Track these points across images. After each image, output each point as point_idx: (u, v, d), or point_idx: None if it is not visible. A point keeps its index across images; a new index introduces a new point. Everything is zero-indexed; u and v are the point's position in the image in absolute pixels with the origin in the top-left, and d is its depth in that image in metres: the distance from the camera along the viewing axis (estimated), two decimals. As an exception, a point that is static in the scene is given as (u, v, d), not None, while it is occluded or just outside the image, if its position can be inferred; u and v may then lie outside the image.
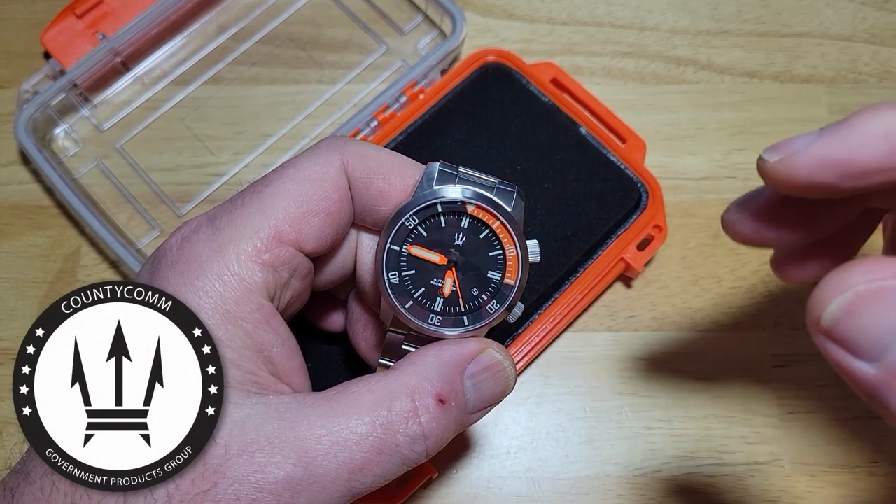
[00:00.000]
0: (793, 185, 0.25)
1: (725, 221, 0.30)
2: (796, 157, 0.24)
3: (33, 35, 0.48)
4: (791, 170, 0.24)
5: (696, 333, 0.43)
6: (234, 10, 0.50)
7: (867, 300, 0.20)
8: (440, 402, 0.27)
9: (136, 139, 0.47)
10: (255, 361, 0.26)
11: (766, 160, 0.25)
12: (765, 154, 0.25)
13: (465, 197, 0.28)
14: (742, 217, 0.29)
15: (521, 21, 0.51)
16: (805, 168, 0.24)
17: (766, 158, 0.25)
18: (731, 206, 0.30)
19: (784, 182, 0.25)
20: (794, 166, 0.24)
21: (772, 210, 0.28)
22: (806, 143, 0.24)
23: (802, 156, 0.24)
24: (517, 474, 0.41)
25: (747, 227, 0.29)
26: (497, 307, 0.28)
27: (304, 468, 0.25)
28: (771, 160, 0.25)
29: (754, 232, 0.29)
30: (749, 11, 0.51)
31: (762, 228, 0.29)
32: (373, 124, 0.45)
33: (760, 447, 0.41)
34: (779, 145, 0.25)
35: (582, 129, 0.44)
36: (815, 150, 0.24)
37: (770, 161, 0.25)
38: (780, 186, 0.26)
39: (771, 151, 0.25)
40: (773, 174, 0.25)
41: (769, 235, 0.29)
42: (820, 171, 0.24)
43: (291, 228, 0.27)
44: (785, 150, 0.25)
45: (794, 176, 0.24)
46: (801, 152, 0.24)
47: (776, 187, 0.26)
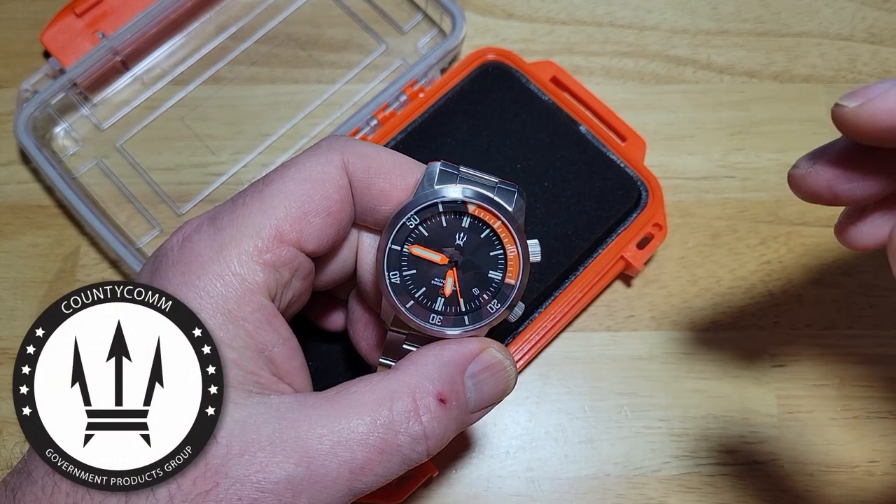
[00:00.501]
0: (874, 132, 0.24)
1: (794, 177, 0.28)
2: (878, 101, 0.23)
3: (33, 34, 0.48)
4: (872, 115, 0.23)
5: (696, 333, 0.43)
6: (234, 10, 0.50)
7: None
8: (441, 402, 0.27)
9: (136, 138, 0.47)
10: (257, 361, 0.26)
11: (845, 105, 0.24)
12: (842, 100, 0.24)
13: (465, 196, 0.28)
14: (815, 169, 0.27)
15: (521, 21, 0.51)
16: (888, 112, 0.23)
17: (845, 104, 0.24)
18: (800, 161, 0.28)
19: (865, 128, 0.24)
20: (876, 111, 0.23)
21: (848, 160, 0.27)
22: (887, 88, 0.23)
23: (885, 99, 0.23)
24: (517, 474, 0.41)
25: (821, 179, 0.27)
26: (498, 307, 0.28)
27: (305, 468, 0.25)
28: (850, 105, 0.24)
29: (828, 185, 0.27)
30: (748, 11, 0.51)
31: (837, 180, 0.27)
32: (373, 123, 0.45)
33: (759, 447, 0.41)
34: (857, 91, 0.24)
35: (582, 127, 0.44)
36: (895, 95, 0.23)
37: (850, 107, 0.24)
38: (859, 134, 0.24)
39: (849, 97, 0.24)
40: (854, 120, 0.24)
41: (844, 188, 0.27)
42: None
43: (292, 228, 0.27)
44: (865, 95, 0.24)
45: (876, 121, 0.23)
46: (882, 96, 0.23)
47: (855, 135, 0.25)
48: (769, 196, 0.46)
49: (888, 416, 0.41)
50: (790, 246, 0.45)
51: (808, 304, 0.44)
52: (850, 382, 0.42)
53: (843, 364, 0.42)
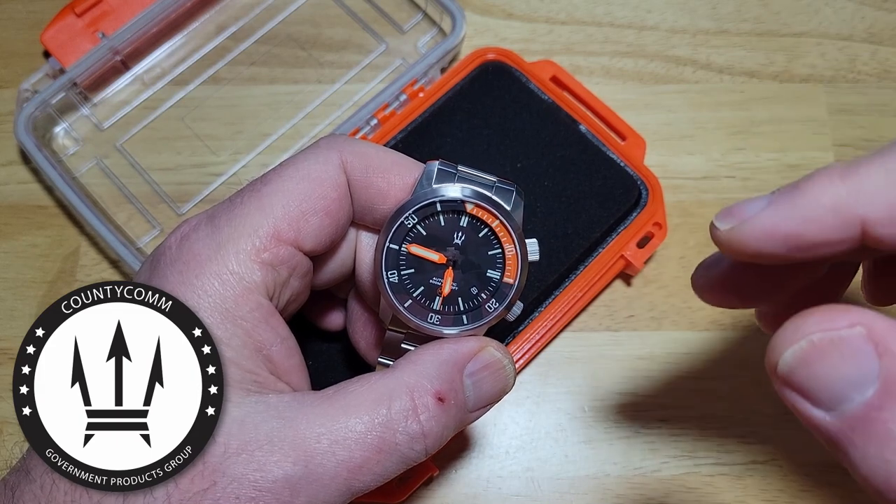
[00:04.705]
0: (744, 255, 0.23)
1: (694, 285, 0.29)
2: (745, 226, 0.23)
3: (33, 34, 0.48)
4: (740, 240, 0.23)
5: (695, 333, 0.43)
6: (234, 10, 0.50)
7: (821, 350, 0.19)
8: (439, 401, 0.27)
9: (136, 138, 0.47)
10: (255, 360, 0.27)
11: (718, 228, 0.24)
12: (716, 220, 0.24)
13: (464, 196, 0.28)
14: (708, 283, 0.28)
15: (521, 21, 0.51)
16: (754, 240, 0.23)
17: (718, 226, 0.24)
18: (698, 268, 0.29)
19: (735, 252, 0.24)
20: (742, 237, 0.23)
21: (736, 275, 0.27)
22: (756, 211, 0.23)
23: (750, 226, 0.23)
24: (516, 474, 0.41)
25: (714, 294, 0.28)
26: (496, 306, 0.28)
27: (303, 467, 0.25)
28: (722, 228, 0.24)
29: (722, 299, 0.28)
30: (748, 11, 0.51)
31: (728, 296, 0.28)
32: (373, 123, 0.45)
33: (758, 446, 0.41)
34: (731, 211, 0.24)
35: (581, 126, 0.44)
36: (762, 221, 0.23)
37: (721, 229, 0.24)
38: (732, 256, 0.25)
39: (722, 218, 0.24)
40: (725, 243, 0.24)
41: (736, 302, 0.28)
42: (769, 243, 0.23)
43: (290, 227, 0.27)
44: (735, 217, 0.23)
45: (744, 247, 0.23)
46: (749, 221, 0.23)
47: (730, 255, 0.25)
48: (769, 196, 0.46)
49: (888, 415, 0.41)
50: (790, 245, 0.45)
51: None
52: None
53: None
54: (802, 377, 0.20)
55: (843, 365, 0.19)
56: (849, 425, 0.19)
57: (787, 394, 0.20)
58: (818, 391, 0.19)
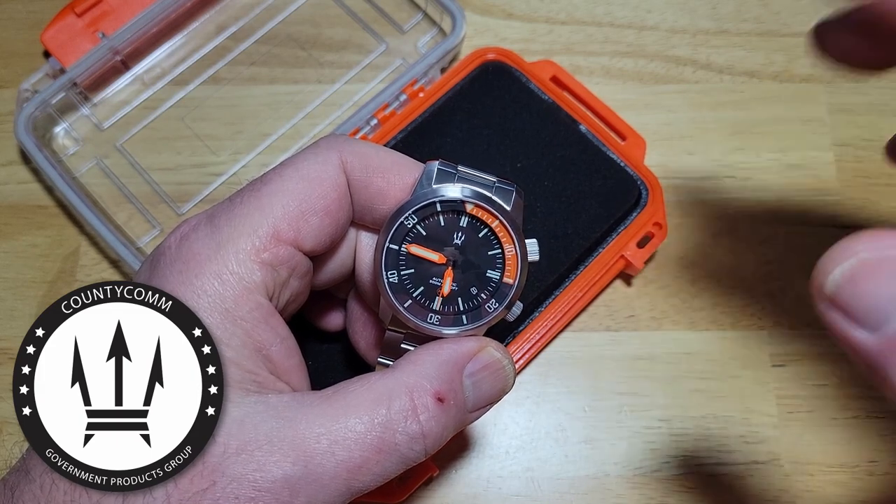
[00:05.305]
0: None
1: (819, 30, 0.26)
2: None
3: (33, 34, 0.48)
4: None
5: (695, 333, 0.43)
6: (234, 10, 0.50)
7: (870, 268, 0.19)
8: (439, 401, 0.27)
9: (136, 138, 0.47)
10: (254, 360, 0.27)
11: None
12: None
13: (464, 196, 0.28)
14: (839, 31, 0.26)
15: (520, 21, 0.51)
16: None
17: None
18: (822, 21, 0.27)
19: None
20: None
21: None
22: None
23: None
24: (516, 474, 0.41)
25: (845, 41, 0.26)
26: (496, 306, 0.28)
27: (302, 467, 0.25)
28: None
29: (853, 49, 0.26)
30: (748, 11, 0.51)
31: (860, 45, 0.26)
32: (373, 123, 0.45)
33: (759, 447, 0.41)
34: None
35: (582, 126, 0.44)
36: None
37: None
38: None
39: None
40: None
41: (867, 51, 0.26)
42: None
43: (290, 227, 0.27)
44: None
45: None
46: None
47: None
48: (769, 196, 0.46)
49: (888, 415, 0.41)
50: (790, 246, 0.45)
51: (808, 304, 0.43)
52: (850, 382, 0.42)
53: (843, 364, 0.42)
54: (848, 295, 0.20)
55: (890, 284, 0.19)
56: (890, 346, 0.19)
57: (830, 314, 0.20)
58: (863, 310, 0.19)
